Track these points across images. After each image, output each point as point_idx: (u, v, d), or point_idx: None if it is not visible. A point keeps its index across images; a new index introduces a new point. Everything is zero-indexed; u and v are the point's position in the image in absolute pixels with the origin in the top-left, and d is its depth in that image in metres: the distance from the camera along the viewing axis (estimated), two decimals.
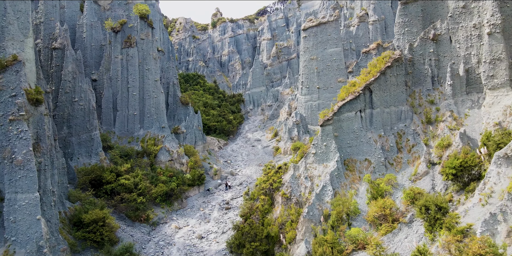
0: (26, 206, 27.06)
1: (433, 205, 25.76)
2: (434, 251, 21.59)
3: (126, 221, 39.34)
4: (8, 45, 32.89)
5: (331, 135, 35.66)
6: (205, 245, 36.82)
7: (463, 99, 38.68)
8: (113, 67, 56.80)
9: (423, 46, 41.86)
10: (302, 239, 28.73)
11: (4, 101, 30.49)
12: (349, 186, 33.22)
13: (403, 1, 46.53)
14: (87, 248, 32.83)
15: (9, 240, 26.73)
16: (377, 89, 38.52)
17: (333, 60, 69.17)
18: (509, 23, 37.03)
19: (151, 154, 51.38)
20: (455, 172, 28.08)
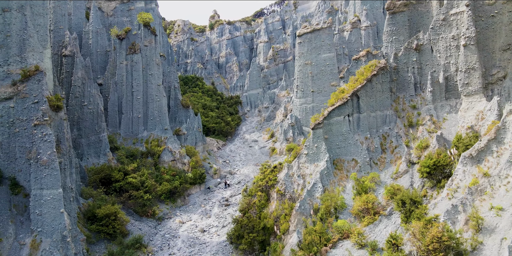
0: (50, 200, 30.77)
1: (409, 199, 29.73)
2: (405, 238, 25.52)
3: (134, 216, 43.08)
4: (29, 56, 36.52)
5: (321, 138, 39.59)
6: (207, 238, 40.63)
7: (442, 104, 42.72)
8: (118, 72, 60.45)
9: (407, 55, 45.78)
10: (294, 230, 32.63)
11: (27, 107, 34.20)
12: (337, 183, 37.16)
13: (391, 11, 50.61)
14: (100, 239, 36.54)
15: (35, 231, 30.44)
16: (364, 95, 42.47)
17: (326, 65, 73.10)
18: (484, 36, 41.13)
19: (155, 155, 55.09)
20: (429, 171, 32.05)
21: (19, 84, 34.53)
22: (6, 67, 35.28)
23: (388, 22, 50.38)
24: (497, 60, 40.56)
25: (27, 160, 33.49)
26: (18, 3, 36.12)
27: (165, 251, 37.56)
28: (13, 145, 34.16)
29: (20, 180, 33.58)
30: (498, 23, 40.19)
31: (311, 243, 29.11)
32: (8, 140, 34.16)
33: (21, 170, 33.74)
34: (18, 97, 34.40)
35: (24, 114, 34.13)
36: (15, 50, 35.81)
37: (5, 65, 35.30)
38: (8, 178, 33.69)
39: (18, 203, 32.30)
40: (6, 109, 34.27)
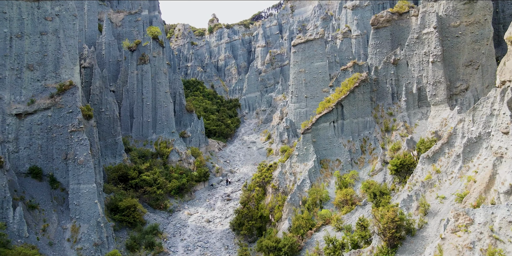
0: (86, 193, 37.95)
1: (378, 192, 37.07)
2: (370, 221, 32.81)
3: (149, 208, 50.26)
4: (62, 72, 43.65)
5: (310, 141, 46.90)
6: (212, 227, 47.87)
7: (415, 112, 50.12)
8: (130, 81, 67.57)
9: (386, 68, 53.11)
10: (286, 217, 39.93)
11: (63, 116, 41.38)
12: (322, 180, 44.48)
13: (375, 26, 58.08)
14: (123, 227, 43.72)
15: (74, 218, 37.60)
16: (347, 104, 49.79)
17: (319, 72, 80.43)
18: (449, 53, 48.60)
19: (163, 155, 62.26)
20: (397, 169, 39.40)
21: (56, 97, 41.67)
22: (44, 82, 42.43)
23: (373, 36, 57.82)
24: (460, 74, 48.08)
25: (63, 160, 40.69)
26: (53, 27, 43.25)
27: (177, 237, 44.80)
28: (51, 147, 41.35)
29: (57, 177, 40.78)
30: (461, 42, 47.66)
31: (299, 227, 36.42)
32: (47, 144, 41.34)
33: (58, 169, 40.95)
34: (55, 107, 41.56)
35: (60, 122, 41.31)
36: (51, 67, 42.97)
37: (43, 80, 42.44)
38: (47, 175, 40.88)
39: (57, 196, 39.46)
40: (44, 118, 41.41)
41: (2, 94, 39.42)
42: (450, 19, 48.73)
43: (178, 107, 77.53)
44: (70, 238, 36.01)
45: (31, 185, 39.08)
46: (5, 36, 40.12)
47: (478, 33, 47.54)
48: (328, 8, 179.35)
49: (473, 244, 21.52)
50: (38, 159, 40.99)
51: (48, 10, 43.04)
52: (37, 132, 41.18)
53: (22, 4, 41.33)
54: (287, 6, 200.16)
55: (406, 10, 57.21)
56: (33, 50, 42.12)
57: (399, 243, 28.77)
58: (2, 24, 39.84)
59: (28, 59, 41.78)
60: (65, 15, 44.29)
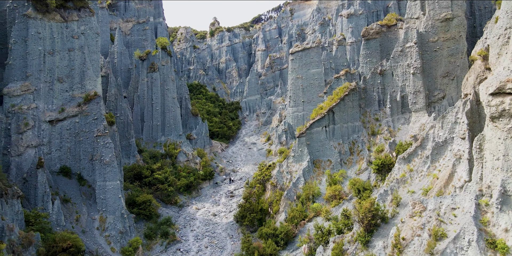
0: (111, 189, 44.62)
1: (362, 188, 43.74)
2: (352, 211, 39.44)
3: (162, 203, 56.89)
4: (86, 83, 50.26)
5: (304, 144, 53.56)
6: (218, 220, 54.56)
7: (398, 117, 56.71)
8: (141, 88, 74.23)
9: (373, 78, 59.63)
10: (283, 210, 46.60)
11: (89, 122, 48.02)
12: (315, 178, 51.15)
13: (366, 38, 64.65)
14: (140, 220, 50.37)
15: (101, 210, 44.25)
16: (338, 111, 56.40)
17: (315, 78, 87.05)
18: (428, 65, 55.17)
19: (172, 156, 68.91)
20: (378, 168, 46.05)
21: (82, 105, 48.34)
22: (72, 92, 49.11)
23: (364, 47, 64.35)
24: (438, 84, 54.70)
25: (89, 161, 47.39)
26: (79, 44, 49.91)
27: (187, 228, 51.49)
28: (78, 150, 48.02)
29: (84, 175, 47.46)
30: (439, 56, 54.27)
31: (293, 218, 43.10)
32: (74, 146, 47.99)
33: (84, 168, 47.64)
34: (82, 115, 48.23)
35: (86, 127, 47.99)
36: (77, 79, 49.63)
37: (71, 91, 49.12)
38: (75, 174, 47.55)
39: (85, 191, 46.13)
40: (73, 124, 48.07)
41: (38, 103, 46.03)
42: (429, 35, 55.24)
43: (184, 111, 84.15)
44: (99, 227, 42.67)
45: (62, 182, 45.72)
46: (40, 53, 46.71)
47: (454, 48, 54.13)
48: (327, 11, 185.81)
49: (423, 225, 28.21)
50: (67, 159, 47.63)
51: (75, 30, 49.68)
52: (66, 136, 47.81)
53: (53, 25, 47.93)
54: (286, 9, 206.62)
55: (394, 23, 63.78)
56: (62, 64, 48.74)
57: (374, 229, 35.39)
58: (37, 43, 46.42)
59: (58, 72, 48.38)
60: (89, 33, 50.94)
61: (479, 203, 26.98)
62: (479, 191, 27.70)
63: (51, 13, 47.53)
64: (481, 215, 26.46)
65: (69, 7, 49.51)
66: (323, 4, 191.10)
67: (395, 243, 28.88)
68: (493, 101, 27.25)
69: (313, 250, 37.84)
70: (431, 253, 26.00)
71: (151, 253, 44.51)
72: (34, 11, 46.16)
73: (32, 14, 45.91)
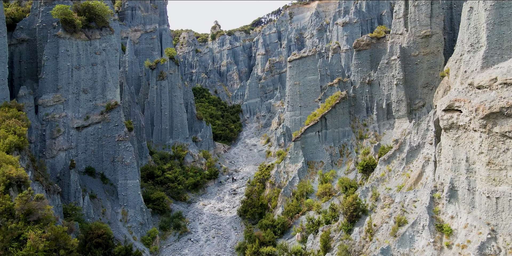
0: (132, 187, 52.06)
1: (349, 185, 51.14)
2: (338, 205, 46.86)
3: (172, 200, 64.35)
4: (107, 94, 57.63)
5: (299, 147, 61.00)
6: (223, 214, 62.01)
7: (384, 123, 64.09)
8: (150, 94, 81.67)
9: (362, 87, 66.96)
10: (280, 205, 54.06)
11: (110, 128, 55.43)
12: (309, 177, 58.58)
13: (357, 49, 71.94)
14: (155, 214, 57.79)
15: (123, 205, 51.70)
16: (329, 117, 63.81)
17: (311, 85, 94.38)
18: (410, 77, 62.44)
19: (180, 157, 76.33)
20: (363, 169, 53.47)
21: (104, 113, 55.74)
22: (94, 102, 56.50)
23: (355, 57, 71.62)
24: (419, 94, 62.00)
25: (110, 162, 54.80)
26: (101, 60, 57.30)
27: (196, 222, 58.97)
28: (101, 152, 55.42)
29: (106, 175, 54.83)
30: (420, 68, 61.57)
31: (289, 211, 50.57)
32: (98, 149, 55.39)
33: (106, 168, 55.02)
34: (104, 122, 55.63)
35: (108, 133, 55.38)
36: (99, 90, 57.00)
37: (94, 101, 56.52)
38: (98, 173, 54.96)
39: (108, 189, 53.55)
40: (96, 129, 55.45)
41: (67, 112, 53.45)
42: (411, 50, 62.58)
43: (189, 116, 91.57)
44: (121, 219, 50.13)
45: (88, 180, 53.14)
46: (68, 68, 54.11)
47: (433, 61, 61.46)
48: (325, 14, 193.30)
49: (390, 214, 35.67)
50: (92, 161, 55.03)
51: (97, 47, 57.08)
52: (91, 141, 55.20)
53: (79, 43, 55.32)
54: (286, 12, 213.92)
55: (383, 35, 71.13)
56: (86, 77, 56.13)
57: (356, 219, 42.80)
58: (66, 59, 53.81)
59: (83, 84, 55.79)
60: (109, 49, 58.35)
61: (433, 196, 34.45)
62: (434, 187, 35.17)
63: (78, 32, 54.93)
64: (434, 206, 33.92)
65: (93, 27, 56.91)
66: (322, 8, 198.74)
67: (368, 228, 36.36)
68: (445, 116, 34.70)
69: (305, 238, 45.30)
70: (394, 236, 33.46)
71: (166, 242, 52.01)
72: (63, 31, 53.55)
73: (62, 35, 53.31)
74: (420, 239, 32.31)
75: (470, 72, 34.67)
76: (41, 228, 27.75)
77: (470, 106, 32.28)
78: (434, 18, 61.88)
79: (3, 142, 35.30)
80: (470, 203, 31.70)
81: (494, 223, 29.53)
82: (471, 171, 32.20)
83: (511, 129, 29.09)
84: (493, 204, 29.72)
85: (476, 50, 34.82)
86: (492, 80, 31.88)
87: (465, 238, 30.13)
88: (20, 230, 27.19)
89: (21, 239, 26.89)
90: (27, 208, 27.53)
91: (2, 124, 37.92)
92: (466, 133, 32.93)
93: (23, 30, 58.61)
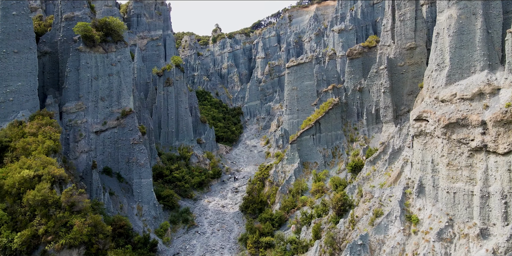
0: (145, 185, 58.95)
1: (339, 183, 58.04)
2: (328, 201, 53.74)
3: (180, 197, 71.26)
4: (122, 101, 64.49)
5: (295, 149, 67.87)
6: (226, 210, 68.90)
7: (373, 127, 70.95)
8: (158, 100, 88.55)
9: (353, 94, 73.77)
10: (278, 201, 60.97)
11: (125, 132, 62.30)
12: (304, 176, 65.47)
13: (350, 58, 78.75)
14: (165, 209, 64.70)
15: (138, 201, 58.58)
16: (323, 122, 70.68)
17: (308, 90, 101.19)
18: (397, 85, 69.15)
19: (186, 158, 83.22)
20: (352, 169, 60.36)
21: (120, 119, 62.60)
22: (111, 109, 63.35)
23: (348, 65, 78.43)
24: (404, 100, 68.75)
25: (126, 163, 61.69)
26: (116, 70, 64.14)
27: (202, 216, 65.89)
28: (117, 154, 62.28)
29: (122, 174, 61.69)
30: (405, 78, 68.31)
31: (286, 207, 57.49)
32: (114, 151, 62.25)
33: (122, 169, 61.90)
34: (120, 126, 62.48)
35: (123, 137, 62.25)
36: (115, 98, 63.83)
37: (110, 107, 63.35)
38: (115, 173, 61.80)
39: (124, 187, 60.44)
40: (113, 133, 62.30)
41: (87, 118, 60.32)
42: (397, 60, 69.32)
43: (194, 119, 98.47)
44: (137, 214, 57.03)
45: (106, 179, 59.98)
46: (88, 79, 60.94)
47: (417, 71, 68.16)
48: (324, 18, 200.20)
49: (369, 207, 42.58)
50: (109, 162, 61.86)
51: (113, 59, 63.92)
52: (108, 144, 62.02)
53: (97, 56, 62.15)
54: (285, 15, 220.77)
55: (374, 45, 77.95)
56: (104, 87, 62.95)
57: (343, 213, 49.71)
58: (86, 70, 60.64)
59: (101, 93, 62.60)
60: (124, 61, 65.19)
61: (405, 192, 41.35)
62: (406, 184, 42.10)
63: (96, 46, 61.77)
64: (406, 200, 40.82)
65: (109, 41, 63.75)
66: (320, 11, 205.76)
67: (351, 219, 43.27)
68: (415, 124, 41.61)
69: (299, 229, 52.22)
70: (372, 225, 40.36)
71: (176, 234, 58.93)
72: (84, 46, 60.38)
73: (82, 49, 60.15)
74: (393, 227, 39.22)
75: (437, 87, 41.57)
76: (83, 217, 34.66)
77: (435, 116, 39.18)
78: (418, 32, 68.53)
79: (42, 146, 42.18)
80: (434, 197, 38.60)
81: (452, 214, 36.42)
82: (435, 171, 39.11)
83: (465, 137, 35.98)
84: (451, 198, 36.61)
85: (442, 69, 41.72)
86: (453, 95, 38.80)
87: (428, 225, 37.04)
88: (66, 218, 34.07)
89: (67, 226, 33.75)
90: (71, 201, 34.42)
91: (39, 131, 44.79)
92: (432, 139, 39.84)
93: (46, 44, 65.44)
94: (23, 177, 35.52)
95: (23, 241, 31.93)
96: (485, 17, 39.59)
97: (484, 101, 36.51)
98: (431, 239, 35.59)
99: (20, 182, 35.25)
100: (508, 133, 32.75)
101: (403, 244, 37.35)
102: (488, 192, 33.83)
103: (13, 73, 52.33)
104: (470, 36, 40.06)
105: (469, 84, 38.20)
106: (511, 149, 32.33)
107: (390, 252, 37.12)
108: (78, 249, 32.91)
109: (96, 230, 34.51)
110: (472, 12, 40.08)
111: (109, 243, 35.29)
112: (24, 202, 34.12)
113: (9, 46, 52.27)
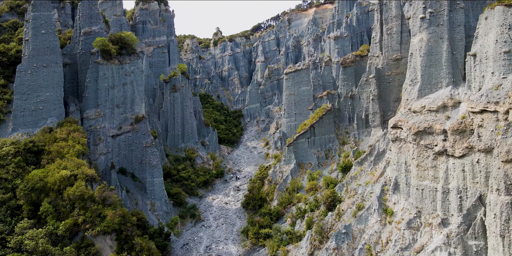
0: (157, 183, 66.66)
1: (330, 182, 65.77)
2: (320, 197, 61.44)
3: (187, 195, 78.91)
4: (135, 108, 72.15)
5: (292, 151, 75.59)
6: (229, 206, 76.62)
7: (363, 131, 78.65)
8: (165, 105, 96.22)
9: (345, 101, 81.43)
10: (275, 198, 68.70)
11: (139, 136, 69.99)
12: (299, 176, 73.17)
13: (343, 66, 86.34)
14: (174, 206, 72.42)
15: (150, 198, 66.27)
16: (317, 127, 78.37)
17: (305, 95, 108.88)
18: (384, 93, 76.80)
19: (191, 159, 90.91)
20: (342, 169, 68.05)
21: (134, 124, 70.29)
22: (125, 115, 71.03)
23: (341, 73, 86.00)
24: (391, 107, 76.37)
25: (139, 164, 69.39)
26: (130, 80, 71.79)
27: (208, 212, 73.60)
28: (131, 156, 69.98)
29: (136, 174, 69.39)
30: (392, 86, 75.89)
31: (282, 203, 65.23)
32: (128, 153, 69.94)
33: (136, 169, 69.61)
34: (134, 131, 70.17)
35: (137, 140, 69.94)
36: (128, 105, 71.51)
37: (125, 114, 71.03)
38: (129, 173, 69.52)
39: (138, 185, 68.16)
40: (127, 137, 69.98)
41: (105, 124, 67.98)
42: (385, 70, 76.92)
43: (198, 122, 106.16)
44: (150, 209, 64.74)
45: (122, 179, 67.66)
46: (105, 88, 68.58)
47: (402, 80, 75.41)
48: (322, 21, 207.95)
49: (353, 202, 50.31)
50: (124, 163, 69.53)
51: (127, 69, 71.57)
52: (123, 146, 69.68)
53: (113, 67, 69.80)
54: (284, 19, 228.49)
55: (366, 54, 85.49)
56: (119, 95, 70.60)
57: (332, 208, 57.40)
58: (103, 81, 68.27)
59: (117, 101, 70.24)
60: (136, 71, 72.86)
61: (383, 189, 49.06)
62: (385, 182, 49.81)
63: (112, 59, 69.41)
64: (383, 195, 48.54)
65: (124, 54, 71.40)
66: (319, 14, 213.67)
67: (337, 212, 51.01)
68: (392, 131, 49.31)
69: (294, 222, 59.93)
70: (354, 217, 48.08)
71: (185, 227, 66.66)
72: (102, 58, 68.03)
73: (101, 61, 67.80)
74: (372, 218, 46.93)
75: (410, 100, 49.27)
76: (113, 209, 42.35)
77: (407, 125, 46.87)
78: (404, 44, 76.06)
79: (73, 150, 49.89)
80: (407, 193, 46.31)
81: (420, 207, 44.11)
82: (408, 171, 46.81)
83: (430, 142, 43.67)
84: (420, 194, 44.30)
85: (415, 84, 49.43)
86: (422, 107, 46.49)
87: (401, 217, 44.74)
88: (100, 210, 41.76)
89: (101, 216, 41.44)
90: (103, 196, 42.12)
91: (69, 136, 52.49)
92: (405, 144, 47.53)
93: (66, 56, 73.08)
94: (62, 176, 43.19)
95: (66, 229, 39.63)
96: (450, 40, 47.28)
97: (447, 112, 44.21)
98: (402, 227, 43.27)
99: (60, 181, 42.93)
100: (462, 140, 40.44)
101: (380, 232, 45.07)
102: (448, 188, 41.50)
103: (43, 85, 60.02)
104: (437, 57, 47.74)
105: (436, 98, 45.89)
106: (465, 153, 40.00)
107: (368, 239, 44.85)
108: (111, 235, 40.61)
109: (125, 220, 42.21)
110: (439, 36, 47.76)
111: (135, 231, 42.99)
112: (65, 197, 41.80)
113: (39, 61, 59.93)
